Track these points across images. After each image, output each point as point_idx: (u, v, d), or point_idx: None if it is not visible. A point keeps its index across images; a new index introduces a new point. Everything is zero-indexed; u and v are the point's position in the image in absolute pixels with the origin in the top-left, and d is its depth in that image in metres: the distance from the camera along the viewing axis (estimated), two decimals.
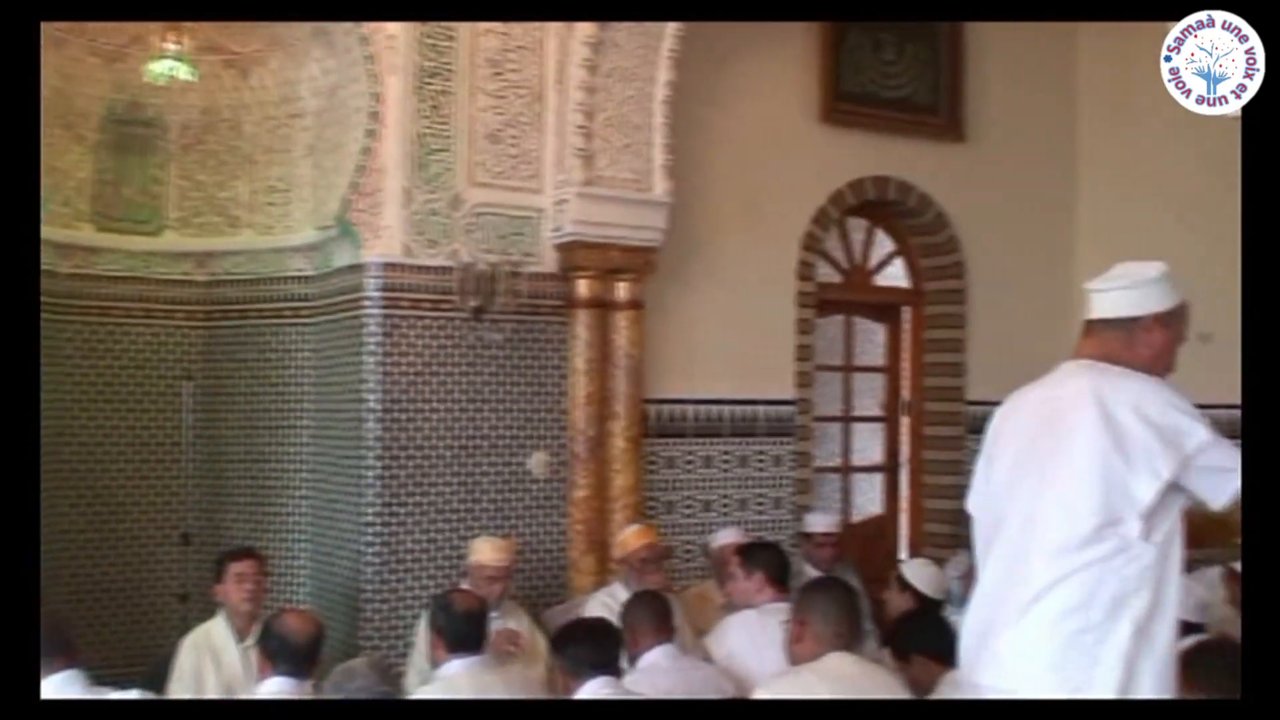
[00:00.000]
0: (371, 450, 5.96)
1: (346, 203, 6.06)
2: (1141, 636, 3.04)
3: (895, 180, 7.80)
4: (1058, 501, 3.17)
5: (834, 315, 8.04)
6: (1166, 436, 3.07)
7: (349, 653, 5.58)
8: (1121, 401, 3.14)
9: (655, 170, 6.49)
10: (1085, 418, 3.16)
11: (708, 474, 7.11)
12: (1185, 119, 6.91)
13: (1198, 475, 3.08)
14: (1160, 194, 7.91)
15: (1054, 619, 3.09)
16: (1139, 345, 3.30)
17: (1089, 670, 3.04)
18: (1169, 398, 3.15)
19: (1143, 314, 3.31)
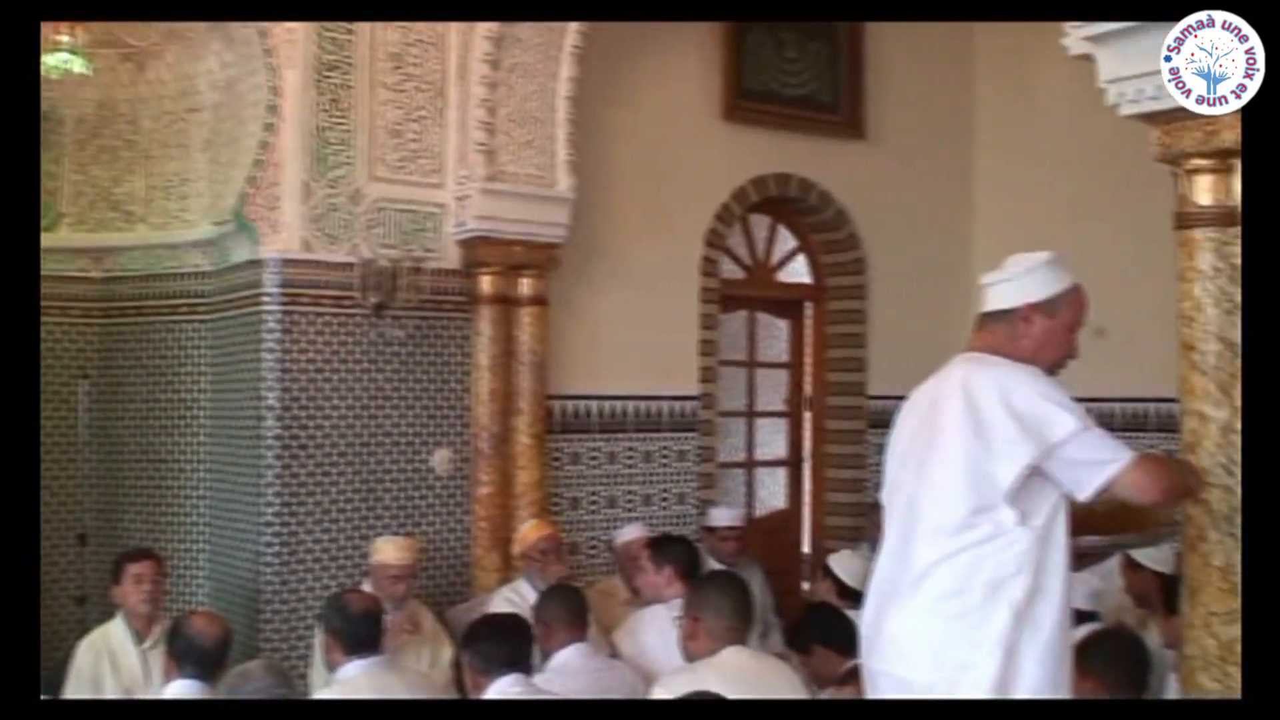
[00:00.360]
0: (270, 449, 5.88)
1: (244, 197, 5.98)
2: (1022, 621, 3.08)
3: (797, 177, 7.86)
4: (932, 490, 3.24)
5: (737, 311, 8.08)
6: (1028, 425, 3.11)
7: (249, 654, 5.52)
8: (985, 391, 3.19)
9: (558, 166, 6.48)
10: (953, 408, 3.23)
11: (612, 470, 7.11)
12: (1081, 116, 7.09)
13: (1062, 466, 3.12)
14: (1057, 190, 8.04)
15: (933, 602, 3.16)
16: (1020, 336, 3.34)
17: (969, 653, 3.09)
18: (1037, 387, 3.18)
19: (1020, 304, 3.35)
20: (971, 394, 3.21)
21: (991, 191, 8.56)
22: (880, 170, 8.18)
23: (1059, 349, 3.38)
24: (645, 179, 7.22)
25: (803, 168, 7.88)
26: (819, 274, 8.33)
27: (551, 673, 4.40)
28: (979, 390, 3.20)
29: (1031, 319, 3.33)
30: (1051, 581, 3.14)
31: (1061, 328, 3.37)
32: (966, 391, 3.22)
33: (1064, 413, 3.12)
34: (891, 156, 8.23)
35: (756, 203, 7.80)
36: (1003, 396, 3.16)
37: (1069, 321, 3.38)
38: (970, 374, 3.27)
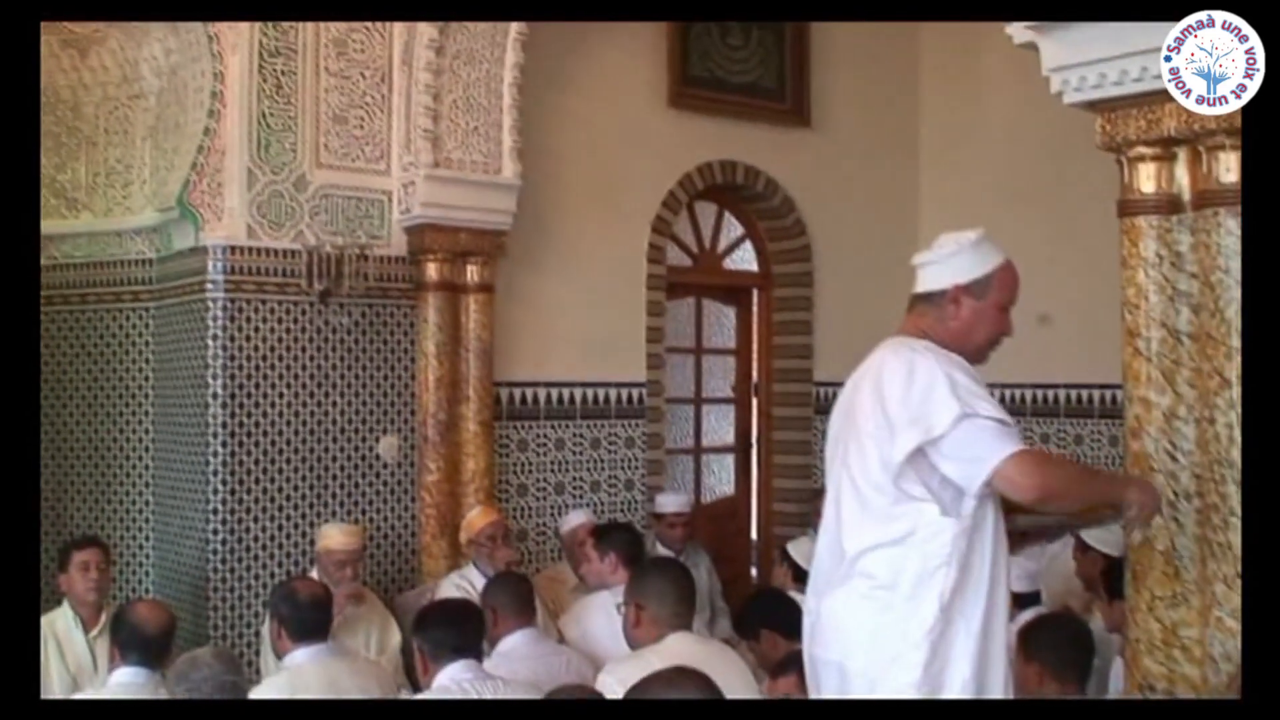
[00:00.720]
0: (216, 437, 5.85)
1: (188, 184, 5.93)
2: (951, 613, 3.06)
3: (743, 165, 7.88)
4: (853, 480, 3.22)
5: (684, 298, 8.10)
6: (915, 414, 3.06)
7: (197, 642, 5.51)
8: (892, 381, 3.16)
9: (504, 153, 6.47)
10: (866, 398, 3.22)
11: (560, 456, 7.11)
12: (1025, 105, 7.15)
13: (947, 460, 3.06)
14: (1002, 178, 8.10)
15: (864, 594, 3.14)
16: (949, 318, 3.31)
17: (898, 644, 3.07)
18: (937, 377, 3.09)
19: (948, 286, 3.31)
20: (880, 383, 3.18)
21: (937, 179, 8.62)
22: (826, 158, 8.21)
23: (990, 329, 3.34)
24: (591, 166, 7.22)
25: (749, 155, 7.90)
26: (765, 261, 8.36)
27: (499, 658, 4.42)
28: (886, 380, 3.17)
29: (960, 301, 3.30)
30: (981, 572, 3.10)
31: (991, 308, 3.32)
32: (876, 381, 3.20)
33: (950, 404, 3.03)
34: (837, 144, 8.26)
35: (703, 190, 7.82)
36: (904, 385, 3.12)
37: (999, 301, 3.33)
38: (885, 361, 3.23)
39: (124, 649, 4.20)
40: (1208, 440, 3.83)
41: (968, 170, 8.38)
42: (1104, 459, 7.43)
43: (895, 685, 3.07)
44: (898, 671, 3.07)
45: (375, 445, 6.28)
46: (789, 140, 8.07)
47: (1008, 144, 8.09)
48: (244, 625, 5.88)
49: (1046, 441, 7.83)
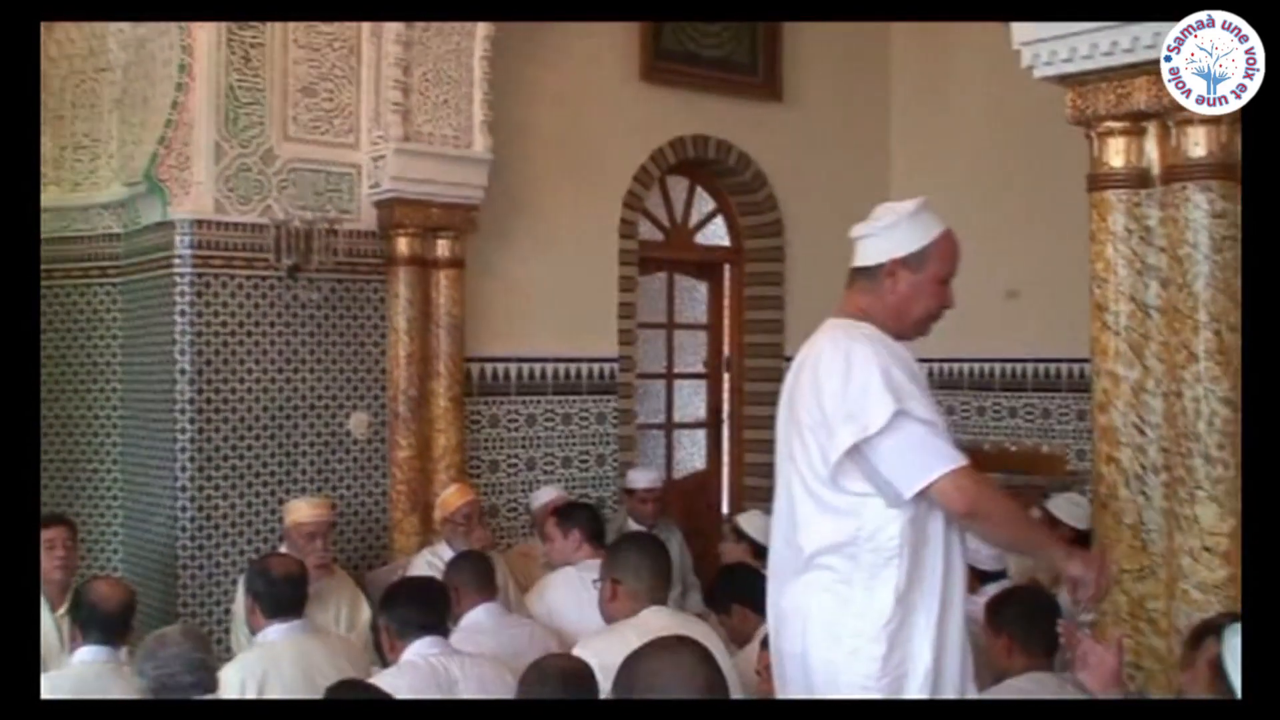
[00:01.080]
0: (184, 413, 5.82)
1: (155, 158, 5.88)
2: (907, 604, 3.02)
3: (715, 139, 7.86)
4: (799, 474, 3.16)
5: (656, 273, 8.09)
6: (852, 411, 3.00)
7: (166, 620, 5.48)
8: (825, 372, 3.08)
9: (475, 127, 6.43)
10: (804, 389, 3.15)
11: (531, 432, 7.11)
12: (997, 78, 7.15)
13: (883, 458, 3.00)
14: (972, 152, 8.12)
15: (824, 586, 3.09)
16: (885, 294, 3.19)
17: (856, 638, 3.03)
18: (869, 373, 3.01)
19: (885, 260, 3.19)
20: (817, 376, 3.11)
21: (908, 154, 8.62)
22: (798, 132, 8.20)
23: (928, 302, 3.20)
24: (563, 140, 7.19)
25: (720, 130, 7.89)
26: (737, 236, 8.36)
27: (462, 633, 4.43)
28: (824, 373, 3.09)
29: (897, 274, 3.17)
30: (934, 559, 3.05)
31: (929, 281, 3.18)
32: (814, 374, 3.12)
33: (885, 400, 2.97)
34: (809, 119, 8.25)
35: (675, 164, 7.80)
36: (841, 379, 3.04)
37: (938, 273, 3.19)
38: (823, 352, 3.14)
39: (84, 628, 4.18)
40: (1175, 414, 3.85)
41: (938, 144, 8.39)
42: (1072, 433, 7.46)
43: (855, 678, 3.03)
44: (857, 664, 3.03)
45: (346, 421, 6.25)
46: (761, 115, 8.06)
47: (979, 117, 8.10)
48: (213, 603, 5.85)
49: (1015, 416, 7.86)
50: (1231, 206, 3.82)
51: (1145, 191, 3.95)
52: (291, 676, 4.06)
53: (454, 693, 3.84)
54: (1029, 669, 3.81)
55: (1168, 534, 3.86)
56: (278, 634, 4.28)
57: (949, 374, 8.28)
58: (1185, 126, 3.82)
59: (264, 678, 4.10)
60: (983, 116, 8.05)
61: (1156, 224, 3.93)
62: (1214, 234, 3.79)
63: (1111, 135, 3.99)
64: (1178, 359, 3.84)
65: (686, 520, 7.56)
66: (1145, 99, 3.86)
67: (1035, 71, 4.09)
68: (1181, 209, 3.83)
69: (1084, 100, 4.03)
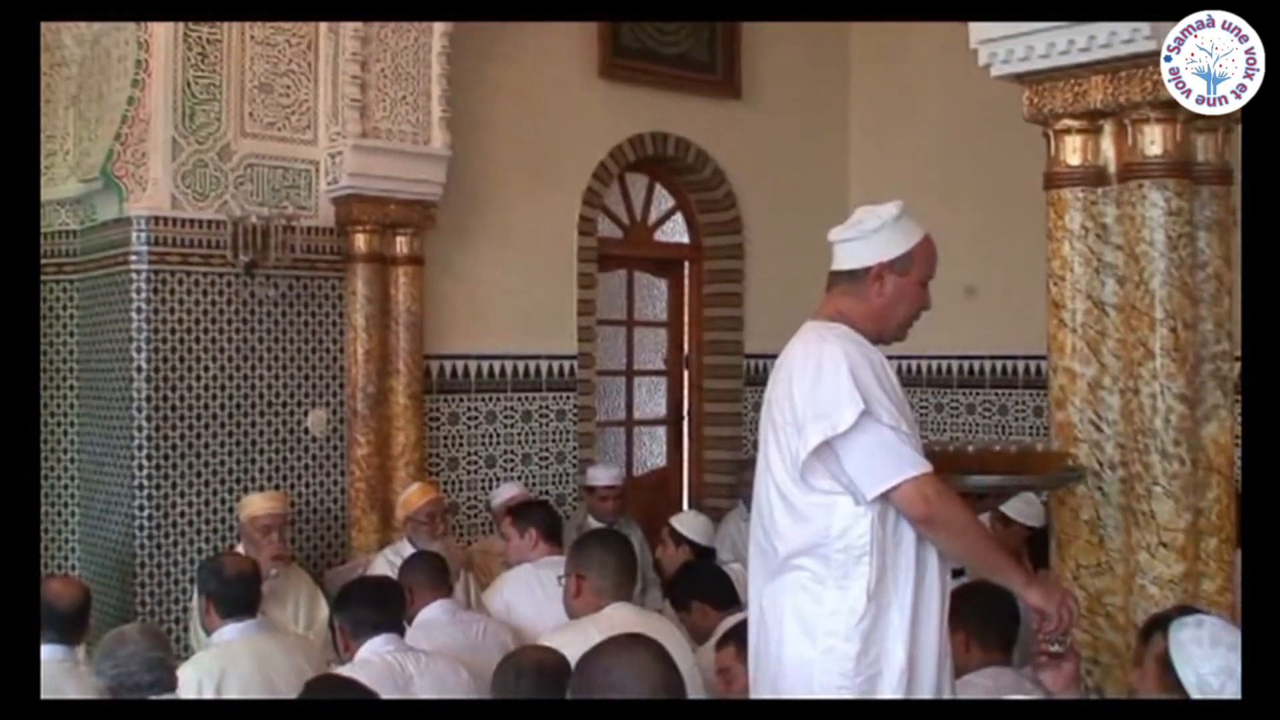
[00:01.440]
0: (141, 410, 5.77)
1: (111, 154, 5.84)
2: (880, 602, 3.04)
3: (674, 136, 7.87)
4: (772, 478, 3.18)
5: (616, 270, 8.09)
6: (821, 411, 3.02)
7: (124, 618, 5.46)
8: (798, 374, 3.12)
9: (433, 123, 6.41)
10: (779, 393, 3.18)
11: (491, 430, 7.09)
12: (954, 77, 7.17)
13: (849, 457, 3.02)
14: (931, 150, 8.15)
15: (800, 584, 3.11)
16: (870, 296, 3.23)
17: (829, 637, 3.04)
18: (838, 375, 3.04)
19: (872, 264, 3.23)
20: (791, 379, 3.14)
21: (866, 151, 8.66)
22: (756, 130, 8.22)
23: (911, 304, 3.27)
24: (522, 137, 7.18)
25: (679, 127, 7.89)
26: (696, 233, 8.37)
27: (417, 629, 4.45)
28: (797, 375, 3.12)
29: (884, 278, 3.22)
30: (907, 556, 3.08)
31: (913, 284, 3.25)
32: (788, 377, 3.16)
33: (854, 400, 2.99)
34: (768, 116, 8.27)
35: (634, 162, 7.80)
36: (812, 380, 3.07)
37: (921, 276, 3.26)
38: (796, 357, 3.18)
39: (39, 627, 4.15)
40: (1132, 410, 3.89)
41: (897, 143, 8.43)
42: (1029, 429, 7.52)
43: (830, 676, 3.04)
44: (831, 662, 3.04)
45: (304, 419, 6.22)
46: (720, 112, 8.06)
47: (937, 115, 8.13)
48: (171, 601, 5.82)
49: (972, 413, 7.91)
50: (1186, 204, 3.86)
51: (1101, 189, 3.98)
52: (249, 676, 4.04)
53: (410, 690, 3.84)
54: (986, 664, 3.84)
55: (1125, 529, 3.89)
56: (234, 633, 4.26)
57: (908, 371, 8.32)
58: (1141, 125, 3.85)
59: (221, 677, 4.08)
60: (941, 114, 8.08)
61: (1113, 222, 3.96)
62: (1170, 232, 3.83)
63: (1068, 133, 4.01)
64: (1134, 356, 3.87)
65: (647, 517, 7.55)
66: (1101, 97, 3.89)
67: (992, 70, 4.10)
68: (1138, 207, 3.86)
69: (1040, 99, 4.05)
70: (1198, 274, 3.92)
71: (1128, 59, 3.80)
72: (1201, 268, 3.93)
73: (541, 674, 3.29)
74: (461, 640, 4.37)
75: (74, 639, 4.20)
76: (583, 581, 4.15)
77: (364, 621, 4.01)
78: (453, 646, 4.26)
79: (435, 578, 4.66)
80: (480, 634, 4.48)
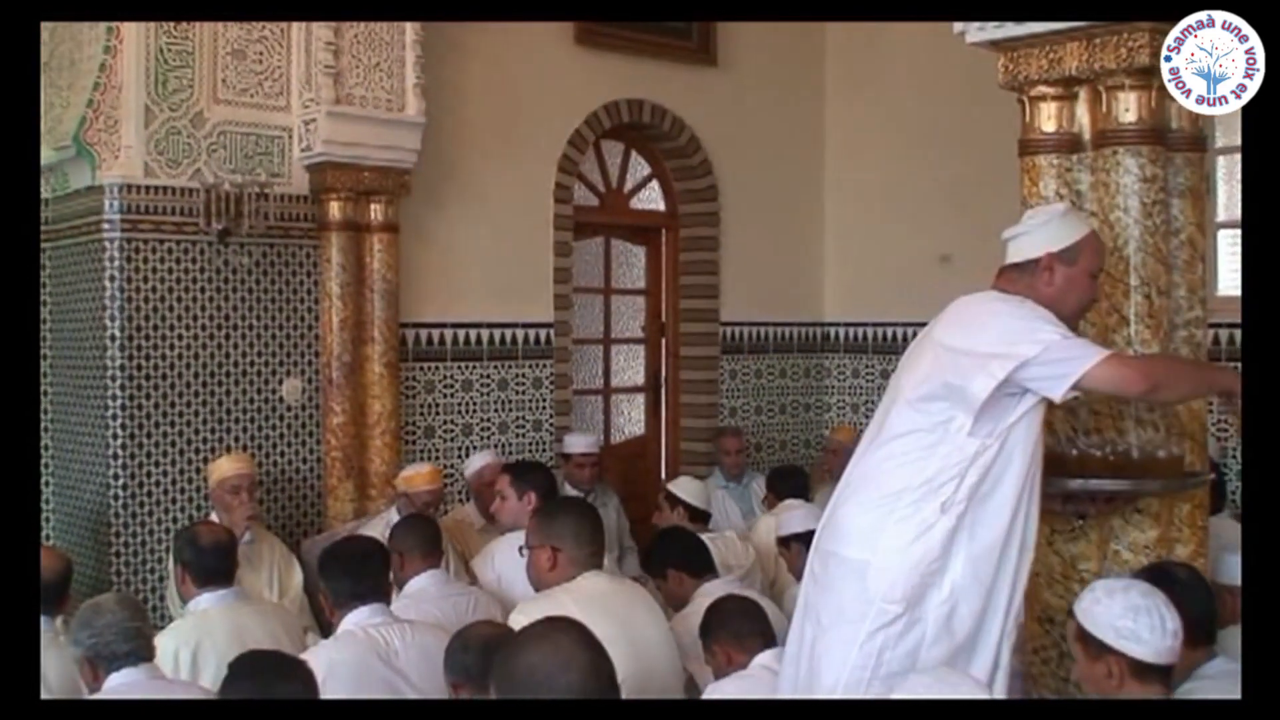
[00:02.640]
0: (115, 380, 5.75)
1: (83, 121, 5.79)
2: (956, 522, 3.22)
3: (649, 103, 7.84)
4: (900, 392, 3.40)
5: (593, 238, 8.07)
6: (1008, 340, 3.22)
7: (100, 588, 5.45)
8: (973, 311, 3.38)
9: (408, 90, 6.37)
10: (940, 325, 3.42)
11: (467, 398, 7.08)
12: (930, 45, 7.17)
13: (1034, 377, 3.21)
14: (906, 117, 8.16)
15: (878, 497, 3.32)
16: (1040, 284, 3.43)
17: (897, 539, 3.25)
18: (1022, 311, 3.30)
19: (1041, 254, 3.43)
20: (962, 313, 3.39)
21: (842, 118, 8.66)
22: (732, 97, 8.21)
23: (1081, 294, 3.48)
24: (497, 104, 7.15)
25: (655, 94, 7.87)
26: (672, 201, 8.35)
27: (406, 599, 4.42)
28: (968, 311, 3.39)
29: (1054, 268, 3.42)
30: (1001, 498, 3.24)
31: (1081, 274, 3.45)
32: (959, 312, 3.41)
33: (1043, 329, 3.23)
34: (743, 83, 8.26)
35: (610, 129, 7.78)
36: (989, 315, 3.33)
37: (1088, 267, 3.47)
38: (972, 301, 3.44)
39: None
40: None
41: (873, 110, 8.43)
42: None
43: (891, 578, 3.23)
44: (894, 567, 3.24)
45: (279, 388, 6.20)
46: (696, 79, 8.04)
47: (912, 82, 8.13)
48: (147, 570, 5.81)
49: None
50: (1161, 171, 3.86)
51: (1076, 156, 3.98)
52: (225, 644, 4.04)
53: (393, 662, 3.83)
54: None
55: None
56: (210, 602, 4.27)
57: (884, 338, 8.35)
58: (1116, 92, 3.85)
59: (197, 646, 4.09)
60: (916, 82, 8.08)
61: (1087, 189, 3.96)
62: (1144, 198, 3.83)
63: (1043, 100, 4.01)
64: (1109, 322, 3.88)
65: (625, 485, 7.58)
66: (1076, 64, 3.88)
67: (968, 37, 4.09)
68: (1112, 174, 3.86)
69: (1015, 65, 4.04)
70: (1171, 240, 3.92)
71: (1104, 26, 3.80)
72: (1175, 234, 3.93)
73: (487, 647, 3.29)
74: (450, 611, 4.34)
75: (54, 611, 4.19)
76: (558, 553, 4.06)
77: (347, 591, 4.00)
78: (442, 617, 4.24)
79: (427, 544, 4.62)
80: (470, 608, 4.45)
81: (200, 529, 4.57)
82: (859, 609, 3.27)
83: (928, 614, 3.22)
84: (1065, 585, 3.91)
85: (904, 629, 3.23)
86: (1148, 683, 3.01)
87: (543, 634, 2.63)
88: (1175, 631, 3.03)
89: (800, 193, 8.55)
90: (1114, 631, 3.03)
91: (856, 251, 8.51)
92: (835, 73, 8.71)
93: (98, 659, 3.51)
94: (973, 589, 3.23)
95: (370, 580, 4.08)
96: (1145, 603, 3.04)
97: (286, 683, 3.20)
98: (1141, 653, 3.00)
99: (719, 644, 3.93)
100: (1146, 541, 3.82)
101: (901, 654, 3.23)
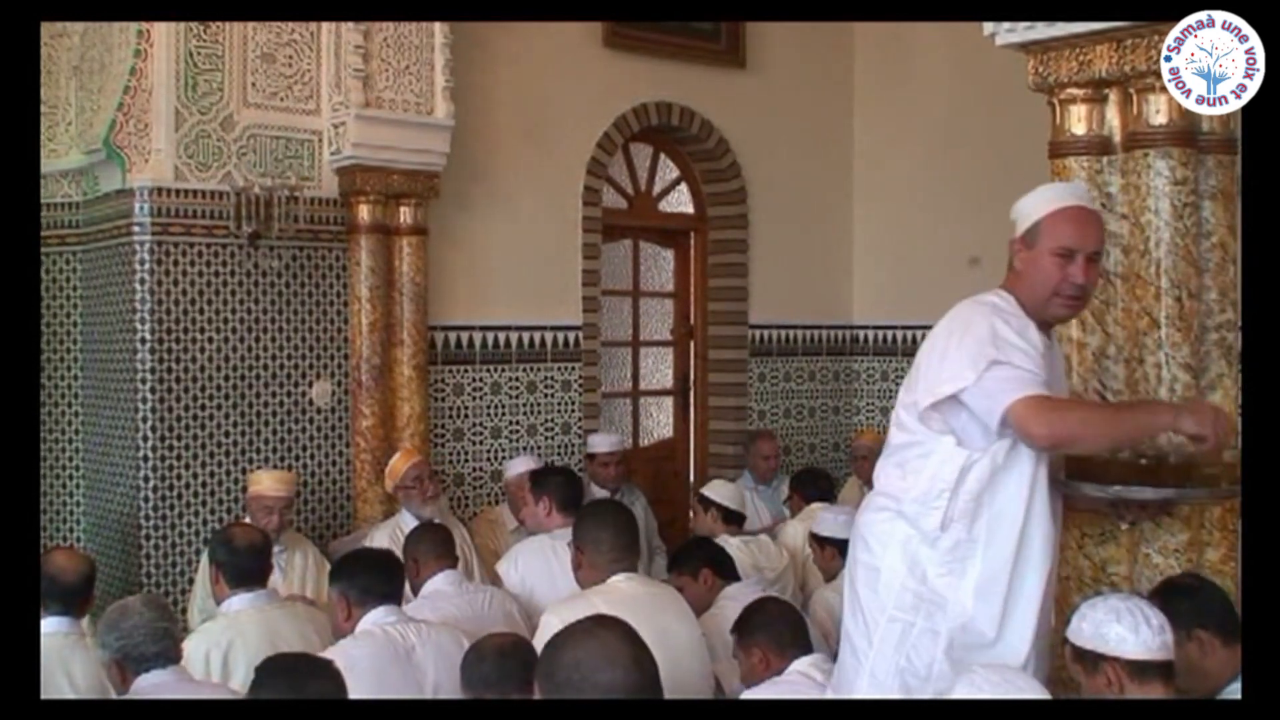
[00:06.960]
0: (145, 382, 5.78)
1: (113, 125, 5.82)
2: (969, 539, 3.20)
3: (678, 106, 7.83)
4: (900, 401, 3.40)
5: (621, 240, 8.07)
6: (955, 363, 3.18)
7: (128, 590, 5.49)
8: (944, 331, 3.29)
9: (437, 93, 6.38)
10: (921, 353, 3.37)
11: (496, 400, 7.09)
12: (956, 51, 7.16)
13: (972, 399, 3.15)
14: (935, 119, 8.13)
15: (880, 504, 3.36)
16: (1011, 274, 3.38)
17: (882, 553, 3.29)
18: (978, 331, 3.18)
19: (1012, 238, 3.39)
20: (942, 325, 3.32)
21: (870, 120, 8.63)
22: (761, 99, 8.19)
23: (1046, 277, 3.28)
24: (526, 106, 7.15)
25: (684, 96, 7.86)
26: (701, 203, 8.34)
27: (423, 600, 4.48)
28: (942, 325, 3.32)
29: (1020, 250, 3.35)
30: (1006, 511, 3.19)
31: (1042, 255, 3.28)
32: (942, 323, 3.34)
33: (986, 352, 3.12)
34: (772, 86, 8.24)
35: (638, 132, 7.77)
36: (947, 334, 3.26)
37: (1050, 247, 3.27)
38: (947, 319, 3.36)
39: (44, 599, 4.16)
40: (1136, 380, 3.88)
41: (902, 112, 8.40)
42: None
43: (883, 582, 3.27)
44: (884, 568, 3.28)
45: (308, 390, 6.23)
46: (724, 82, 8.03)
47: (942, 86, 8.10)
48: (176, 572, 5.83)
49: None
50: (1191, 174, 3.84)
51: (1106, 158, 3.97)
52: (256, 646, 4.06)
53: (411, 659, 3.87)
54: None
55: None
56: (242, 603, 4.28)
57: (913, 341, 8.31)
58: (1146, 94, 3.84)
59: (229, 648, 4.11)
60: (945, 84, 8.05)
61: (1118, 191, 3.94)
62: (1175, 201, 3.81)
63: (1073, 102, 4.00)
64: (1139, 325, 3.86)
65: (653, 488, 7.57)
66: (1106, 66, 3.87)
67: (997, 39, 4.08)
68: (1143, 176, 3.85)
69: (1045, 67, 4.03)
70: (1202, 243, 3.90)
71: (1132, 28, 3.78)
72: (1206, 237, 3.91)
73: (502, 655, 3.41)
74: (467, 610, 4.39)
75: (79, 612, 4.21)
76: (581, 555, 4.19)
77: (366, 591, 4.03)
78: (458, 617, 4.28)
79: (440, 547, 4.69)
80: (486, 604, 4.50)
81: (235, 530, 4.58)
82: (874, 616, 3.29)
83: (941, 626, 3.22)
84: (1095, 589, 3.89)
85: (918, 638, 3.24)
86: (1147, 683, 3.00)
87: (588, 630, 2.66)
88: (1162, 626, 3.02)
89: (829, 195, 8.52)
90: (1101, 639, 3.03)
91: (885, 254, 8.48)
92: (864, 75, 8.68)
93: (126, 660, 3.53)
94: (988, 601, 3.20)
95: (391, 580, 4.14)
96: (1125, 605, 3.06)
97: (317, 680, 3.21)
98: (1132, 652, 2.99)
99: (758, 645, 3.92)
100: (1177, 545, 3.80)
101: (920, 665, 3.24)
